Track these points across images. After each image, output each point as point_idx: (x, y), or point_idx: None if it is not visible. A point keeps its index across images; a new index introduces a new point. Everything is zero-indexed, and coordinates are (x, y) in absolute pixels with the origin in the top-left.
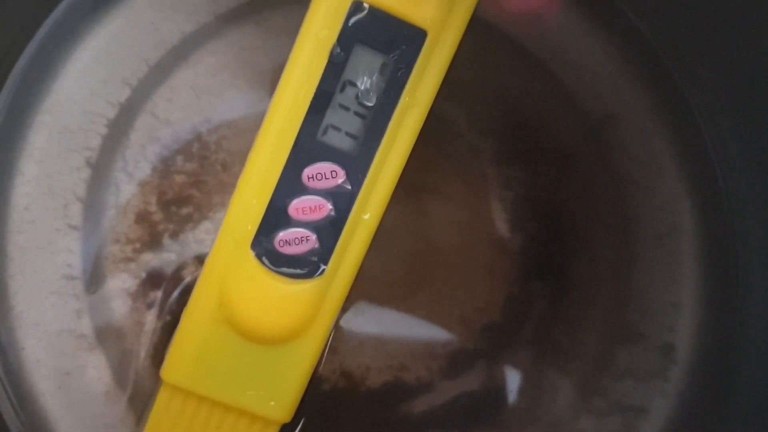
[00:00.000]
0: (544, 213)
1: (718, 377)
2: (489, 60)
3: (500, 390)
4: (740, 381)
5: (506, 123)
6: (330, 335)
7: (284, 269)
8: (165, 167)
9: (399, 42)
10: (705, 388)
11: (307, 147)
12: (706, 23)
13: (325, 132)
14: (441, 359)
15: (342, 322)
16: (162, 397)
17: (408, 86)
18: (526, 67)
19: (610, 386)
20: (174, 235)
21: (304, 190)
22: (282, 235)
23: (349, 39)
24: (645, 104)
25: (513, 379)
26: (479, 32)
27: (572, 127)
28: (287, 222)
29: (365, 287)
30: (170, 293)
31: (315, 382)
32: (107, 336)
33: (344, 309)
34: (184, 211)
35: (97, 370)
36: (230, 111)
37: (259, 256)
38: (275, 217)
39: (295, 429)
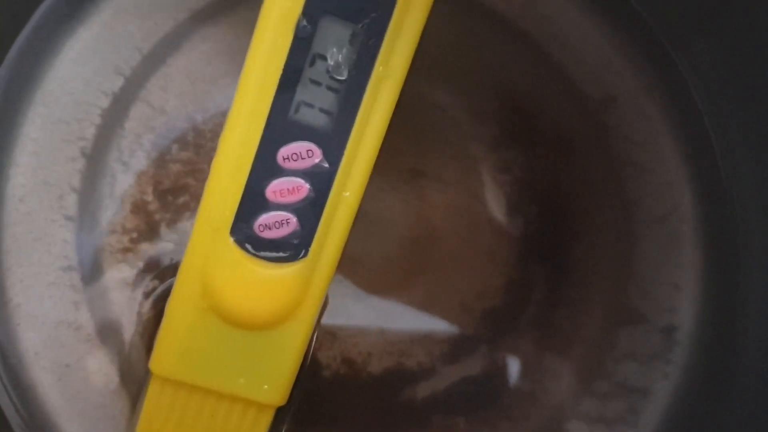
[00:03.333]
0: (543, 196)
1: (720, 358)
2: (485, 43)
3: (502, 374)
4: (742, 361)
5: (504, 107)
6: (320, 316)
7: (266, 254)
8: (160, 156)
9: (368, 9)
10: (707, 369)
11: (279, 127)
12: (703, 3)
13: (297, 109)
14: (442, 344)
15: (342, 310)
16: (153, 389)
17: (381, 56)
18: (523, 49)
19: (612, 369)
20: (171, 225)
21: (280, 172)
22: (261, 219)
23: (315, 10)
24: (643, 86)
25: (514, 364)
26: (475, 15)
27: (571, 109)
28: (265, 206)
29: (365, 274)
30: (168, 282)
31: (316, 369)
32: (106, 327)
33: (344, 296)
34: (181, 200)
35: (96, 361)
36: (225, 98)
37: (239, 242)
38: (253, 201)
39: (289, 413)
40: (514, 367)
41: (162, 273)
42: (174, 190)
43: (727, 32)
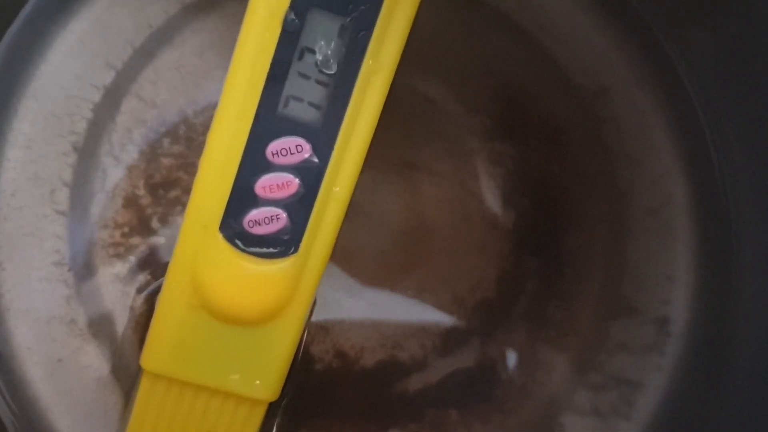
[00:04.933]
0: (536, 188)
1: (714, 349)
2: (477, 35)
3: (495, 367)
4: (735, 353)
5: (496, 98)
6: (311, 311)
7: (256, 250)
8: (152, 150)
9: (357, 2)
10: (701, 361)
11: (268, 121)
12: None
13: (286, 104)
14: (435, 337)
15: (334, 303)
16: (144, 386)
17: (370, 49)
18: (516, 41)
19: (605, 361)
20: (163, 219)
21: (269, 168)
22: (251, 215)
23: (302, 3)
24: (637, 77)
25: (507, 356)
26: (467, 6)
27: (563, 101)
28: (255, 202)
29: (358, 267)
30: (160, 277)
31: (308, 362)
32: (98, 322)
33: (337, 290)
34: (173, 194)
35: (88, 356)
36: (216, 91)
37: (229, 239)
38: (242, 197)
39: (281, 407)
40: (507, 359)
41: (154, 267)
42: (166, 184)
43: (720, 23)
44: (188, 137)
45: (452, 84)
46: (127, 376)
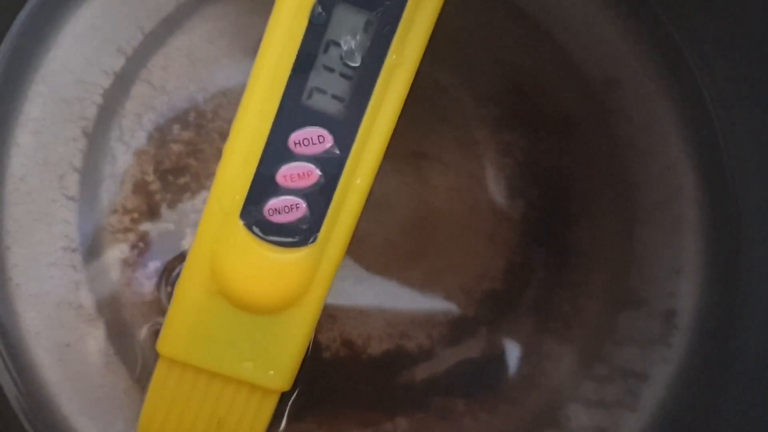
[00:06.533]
0: (544, 179)
1: (720, 342)
2: (488, 25)
3: (502, 357)
4: (742, 345)
5: (506, 89)
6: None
7: (275, 238)
8: (161, 136)
9: None
10: (707, 353)
11: (292, 112)
12: None
13: (310, 95)
14: (442, 327)
15: (342, 292)
16: (160, 370)
17: (394, 44)
18: (526, 31)
19: (611, 352)
20: (172, 205)
21: (291, 157)
22: (271, 203)
23: None
24: (647, 68)
25: (514, 346)
26: None
27: (573, 92)
28: (276, 190)
29: (365, 256)
30: (169, 263)
31: (316, 350)
32: (107, 307)
33: (345, 278)
34: (182, 180)
35: (97, 341)
36: (227, 78)
37: (248, 226)
38: (263, 185)
39: (293, 396)
40: (513, 349)
41: (163, 253)
42: (175, 170)
43: (731, 16)
44: (198, 124)
45: (462, 74)
46: (136, 361)
